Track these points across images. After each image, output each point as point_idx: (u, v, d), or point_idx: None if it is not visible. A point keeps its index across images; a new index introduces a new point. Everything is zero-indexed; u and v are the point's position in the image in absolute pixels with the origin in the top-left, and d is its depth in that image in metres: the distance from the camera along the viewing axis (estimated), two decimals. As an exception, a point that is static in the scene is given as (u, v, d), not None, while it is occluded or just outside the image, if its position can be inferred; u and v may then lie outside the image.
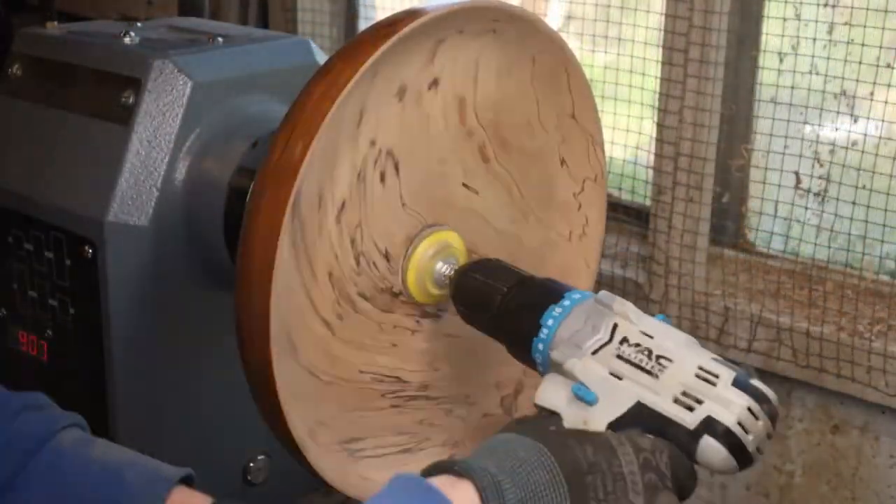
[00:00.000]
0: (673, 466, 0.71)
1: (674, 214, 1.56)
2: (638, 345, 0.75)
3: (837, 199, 1.43)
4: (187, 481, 0.83)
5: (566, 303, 0.80)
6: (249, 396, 0.86)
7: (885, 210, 1.38)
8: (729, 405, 0.71)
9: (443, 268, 0.92)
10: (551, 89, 1.01)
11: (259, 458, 1.13)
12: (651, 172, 1.61)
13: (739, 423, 0.71)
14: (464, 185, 0.98)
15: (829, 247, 1.46)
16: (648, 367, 0.74)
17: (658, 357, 0.74)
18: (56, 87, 1.09)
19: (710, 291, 1.56)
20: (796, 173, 1.48)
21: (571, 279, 1.02)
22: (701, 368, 0.73)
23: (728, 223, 1.59)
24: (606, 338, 0.76)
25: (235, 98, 1.06)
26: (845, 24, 1.39)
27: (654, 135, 1.58)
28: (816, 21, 1.42)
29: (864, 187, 1.39)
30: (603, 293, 0.80)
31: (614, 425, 0.73)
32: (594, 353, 0.76)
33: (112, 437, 1.05)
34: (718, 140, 1.53)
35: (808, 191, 1.48)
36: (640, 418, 0.73)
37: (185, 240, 1.03)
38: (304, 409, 0.88)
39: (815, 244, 1.47)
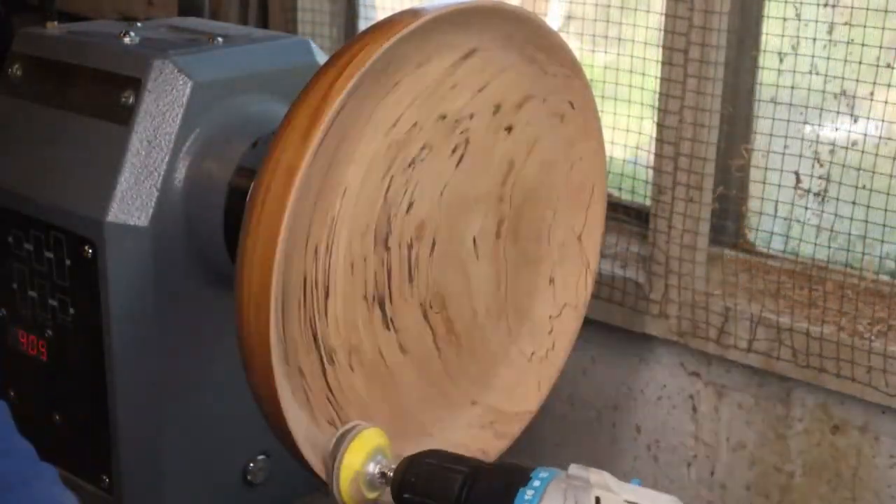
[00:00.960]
0: None
1: (674, 214, 1.56)
2: None
3: (837, 199, 1.43)
4: None
5: (536, 483, 0.76)
6: (249, 396, 0.86)
7: (885, 210, 1.38)
8: None
9: (374, 468, 0.84)
10: (572, 203, 1.03)
11: (259, 458, 1.13)
12: (651, 172, 1.61)
13: None
14: (474, 240, 0.99)
15: (829, 247, 1.46)
16: None
17: None
18: (56, 87, 1.09)
19: (711, 291, 1.56)
20: (796, 173, 1.48)
21: (519, 397, 1.02)
22: None
23: (728, 223, 1.59)
24: None
25: (235, 98, 1.06)
26: (845, 24, 1.39)
27: (654, 135, 1.58)
28: (816, 21, 1.42)
29: (864, 187, 1.39)
30: (574, 466, 0.76)
31: None
32: None
33: (112, 438, 1.05)
34: (718, 140, 1.53)
35: (808, 191, 1.48)
36: None
37: (185, 240, 1.03)
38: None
39: (815, 244, 1.47)
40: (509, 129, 0.97)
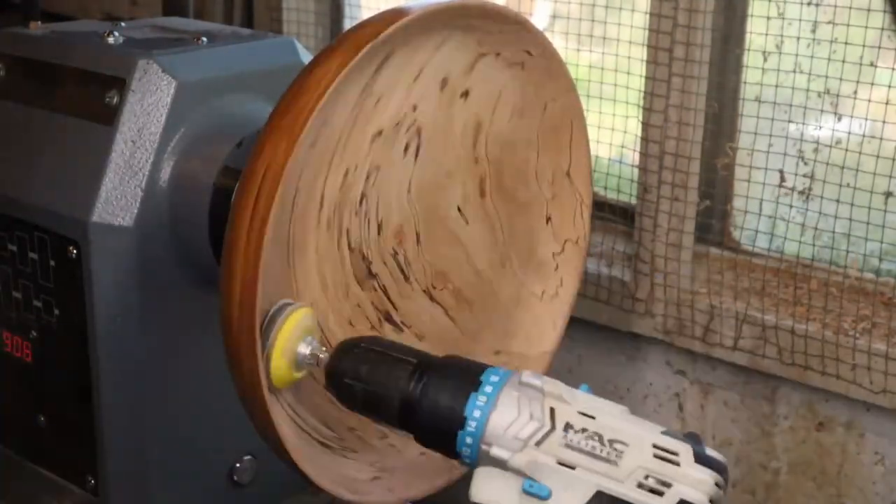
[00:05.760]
0: None
1: (659, 213, 1.56)
2: (584, 430, 0.72)
3: (822, 198, 1.44)
4: None
5: (488, 389, 0.74)
6: (235, 396, 0.86)
7: (869, 208, 1.39)
8: (698, 485, 0.70)
9: (306, 349, 0.83)
10: (553, 143, 1.02)
11: (245, 458, 1.13)
12: (637, 171, 1.61)
13: (711, 501, 0.70)
14: (458, 209, 0.98)
15: (814, 245, 1.47)
16: (605, 455, 0.71)
17: (611, 441, 0.71)
18: (39, 87, 1.09)
19: (696, 290, 1.57)
20: (781, 172, 1.48)
21: (537, 338, 1.03)
22: (656, 447, 0.71)
23: (713, 222, 1.60)
24: (548, 426, 0.72)
25: (220, 98, 1.05)
26: (829, 22, 1.39)
27: (640, 133, 1.59)
28: (800, 20, 1.42)
29: (848, 185, 1.40)
30: (526, 373, 0.75)
31: None
32: (538, 443, 0.72)
33: (97, 439, 1.05)
34: (703, 139, 1.54)
35: (793, 189, 1.48)
36: None
37: (170, 240, 1.03)
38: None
39: (800, 242, 1.48)
40: (465, 94, 0.94)
